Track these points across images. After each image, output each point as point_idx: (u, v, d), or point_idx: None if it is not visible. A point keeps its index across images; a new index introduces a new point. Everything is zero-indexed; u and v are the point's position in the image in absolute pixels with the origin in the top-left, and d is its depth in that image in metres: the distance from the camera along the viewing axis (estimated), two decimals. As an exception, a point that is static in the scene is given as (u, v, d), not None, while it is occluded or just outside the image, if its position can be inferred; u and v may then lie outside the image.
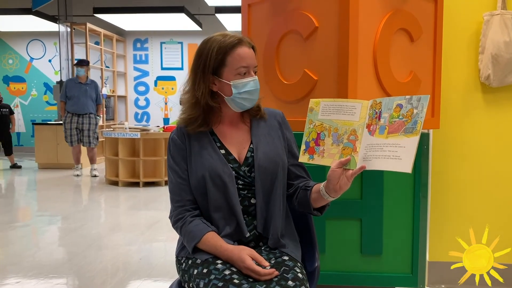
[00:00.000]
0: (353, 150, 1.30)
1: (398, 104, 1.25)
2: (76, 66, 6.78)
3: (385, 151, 1.23)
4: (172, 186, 1.49)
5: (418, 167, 1.97)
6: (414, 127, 1.20)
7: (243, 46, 1.42)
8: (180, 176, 1.47)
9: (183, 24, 8.74)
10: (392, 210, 1.98)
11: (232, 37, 1.42)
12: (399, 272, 2.01)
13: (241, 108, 1.46)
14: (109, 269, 3.07)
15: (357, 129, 1.31)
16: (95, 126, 6.80)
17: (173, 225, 1.49)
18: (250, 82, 1.43)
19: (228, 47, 1.40)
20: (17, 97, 10.36)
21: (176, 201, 1.47)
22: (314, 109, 1.41)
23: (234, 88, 1.42)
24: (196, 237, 1.40)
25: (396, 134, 1.23)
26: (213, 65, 1.42)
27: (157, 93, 10.16)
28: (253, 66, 1.44)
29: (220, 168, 1.43)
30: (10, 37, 10.22)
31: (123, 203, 5.26)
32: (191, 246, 1.41)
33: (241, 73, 1.41)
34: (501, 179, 2.51)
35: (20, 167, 7.83)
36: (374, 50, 1.84)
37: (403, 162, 1.19)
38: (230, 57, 1.41)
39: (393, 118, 1.24)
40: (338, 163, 1.31)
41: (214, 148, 1.47)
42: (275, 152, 1.48)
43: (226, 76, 1.42)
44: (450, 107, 2.48)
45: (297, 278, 1.32)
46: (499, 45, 2.33)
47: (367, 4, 1.80)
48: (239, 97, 1.43)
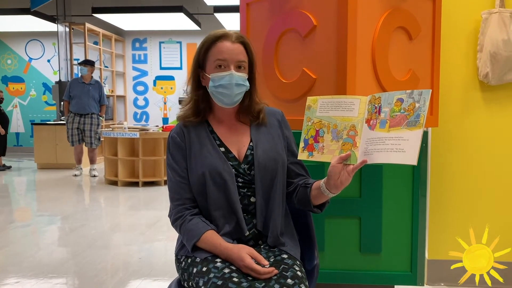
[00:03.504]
0: (353, 145, 1.31)
1: (399, 98, 1.26)
2: (80, 65, 6.77)
3: (387, 144, 1.23)
4: (171, 184, 1.49)
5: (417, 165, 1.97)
6: (417, 120, 1.21)
7: (226, 40, 1.43)
8: (179, 175, 1.47)
9: (182, 24, 8.74)
10: (391, 208, 1.99)
11: (220, 32, 1.44)
12: (398, 270, 2.01)
13: (221, 103, 1.46)
14: (109, 269, 3.08)
15: (356, 124, 1.32)
16: (97, 126, 6.77)
17: (173, 224, 1.49)
18: (225, 76, 1.42)
19: (210, 41, 1.43)
20: (16, 97, 10.35)
21: (175, 200, 1.47)
22: (312, 107, 1.41)
23: (211, 81, 1.43)
24: (195, 235, 1.40)
25: (398, 127, 1.23)
26: (200, 59, 1.46)
27: (156, 93, 10.15)
28: (234, 60, 1.42)
29: (220, 166, 1.43)
30: (8, 37, 10.21)
31: (122, 203, 5.26)
32: (190, 245, 1.41)
33: (217, 66, 1.42)
34: (501, 178, 2.51)
35: (10, 167, 7.83)
36: (373, 49, 1.84)
37: (408, 154, 1.20)
38: (211, 50, 1.43)
39: (394, 112, 1.25)
40: (339, 159, 1.31)
41: (214, 146, 1.47)
42: (274, 150, 1.48)
43: (208, 69, 1.45)
44: (449, 105, 2.49)
45: (296, 276, 1.32)
46: (498, 43, 2.34)
47: (366, 3, 1.80)
48: (215, 91, 1.44)
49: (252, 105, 1.51)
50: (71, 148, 7.03)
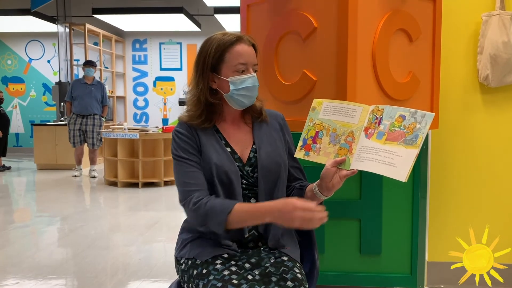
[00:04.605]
0: (349, 151, 1.34)
1: (401, 115, 1.28)
2: (86, 66, 6.76)
3: (380, 155, 1.26)
4: (184, 173, 1.40)
5: (417, 167, 1.97)
6: (415, 140, 1.23)
7: (242, 43, 1.42)
8: (193, 161, 1.41)
9: (182, 25, 8.74)
10: (391, 210, 1.99)
11: (232, 35, 1.43)
12: (398, 272, 2.01)
13: (240, 106, 1.45)
14: (109, 269, 3.07)
15: (355, 131, 1.35)
16: (99, 127, 6.77)
17: (190, 207, 1.36)
18: (248, 79, 1.42)
19: (227, 44, 1.41)
20: (16, 97, 10.35)
21: (191, 185, 1.38)
22: (316, 109, 1.44)
23: (232, 84, 1.41)
24: (226, 207, 1.32)
25: (394, 142, 1.26)
26: (212, 62, 1.41)
27: (156, 94, 10.15)
28: (252, 63, 1.43)
29: (227, 165, 1.42)
30: (8, 38, 10.21)
31: (122, 204, 5.26)
32: (222, 218, 1.30)
33: (239, 70, 1.41)
34: (501, 179, 2.51)
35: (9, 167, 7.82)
36: (373, 51, 1.84)
37: (399, 170, 1.22)
38: (229, 53, 1.41)
39: (394, 127, 1.28)
40: (333, 162, 1.34)
41: (221, 145, 1.45)
42: (277, 153, 1.49)
43: (225, 73, 1.42)
44: (449, 107, 2.49)
45: (296, 279, 1.32)
46: (498, 45, 2.34)
47: (366, 5, 1.81)
48: (236, 94, 1.42)
49: (256, 103, 1.52)
50: (71, 149, 7.03)
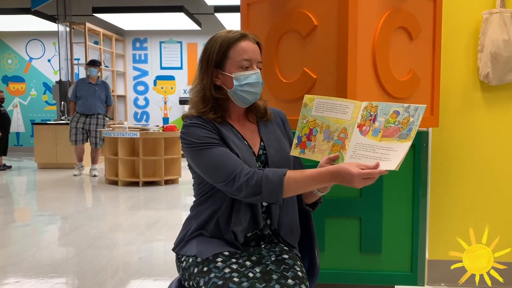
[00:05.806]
0: (342, 147, 1.35)
1: (395, 110, 1.30)
2: (89, 66, 6.77)
3: (377, 153, 1.27)
4: (218, 156, 1.35)
5: (417, 165, 1.97)
6: (408, 134, 1.26)
7: (247, 40, 1.43)
8: (224, 147, 1.38)
9: (182, 24, 8.73)
10: (391, 209, 1.99)
11: (237, 32, 1.44)
12: (399, 270, 2.01)
13: (243, 102, 1.45)
14: (109, 268, 3.08)
15: (347, 127, 1.35)
16: (102, 127, 6.79)
17: (242, 179, 1.31)
18: (252, 75, 1.42)
19: (232, 40, 1.41)
20: (16, 97, 10.35)
21: (232, 163, 1.34)
22: (308, 105, 1.44)
23: (235, 80, 1.41)
24: (281, 172, 1.30)
25: (390, 138, 1.28)
26: (216, 58, 1.42)
27: (157, 93, 10.15)
28: (256, 60, 1.44)
29: (248, 158, 1.40)
30: (9, 37, 10.21)
31: (122, 203, 5.26)
32: (279, 181, 1.28)
33: (243, 66, 1.41)
34: (501, 177, 2.51)
35: (10, 167, 7.83)
36: (373, 49, 1.84)
37: (391, 162, 1.24)
38: (233, 50, 1.41)
39: (389, 123, 1.29)
40: (327, 159, 1.35)
41: (239, 138, 1.45)
42: (284, 149, 1.50)
43: (229, 69, 1.42)
44: (449, 105, 2.49)
45: (297, 277, 1.32)
46: (498, 43, 2.34)
47: (366, 3, 1.80)
48: (240, 90, 1.41)
49: (260, 102, 1.52)
50: (72, 148, 7.04)
